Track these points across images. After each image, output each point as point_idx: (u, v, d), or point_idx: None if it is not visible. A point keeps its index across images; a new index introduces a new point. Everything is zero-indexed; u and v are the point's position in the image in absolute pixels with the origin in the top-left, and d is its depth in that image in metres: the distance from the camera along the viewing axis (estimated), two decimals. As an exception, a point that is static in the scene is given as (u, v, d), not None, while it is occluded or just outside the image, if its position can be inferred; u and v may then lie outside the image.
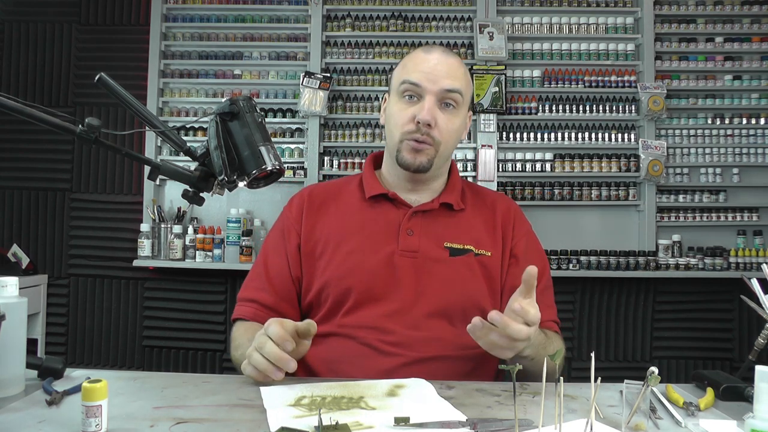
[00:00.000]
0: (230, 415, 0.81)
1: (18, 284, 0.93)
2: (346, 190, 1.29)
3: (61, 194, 3.23)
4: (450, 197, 1.24)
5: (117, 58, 3.22)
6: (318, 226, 1.23)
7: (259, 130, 0.91)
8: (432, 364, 1.10)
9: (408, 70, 1.19)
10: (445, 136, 1.18)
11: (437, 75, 1.16)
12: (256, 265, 1.27)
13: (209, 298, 3.12)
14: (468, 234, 1.21)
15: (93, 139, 0.84)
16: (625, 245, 3.08)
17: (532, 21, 3.27)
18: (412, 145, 1.17)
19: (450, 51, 1.23)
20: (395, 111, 1.20)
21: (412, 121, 1.16)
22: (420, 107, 1.16)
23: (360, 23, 3.24)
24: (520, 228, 1.27)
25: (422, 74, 1.16)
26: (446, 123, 1.17)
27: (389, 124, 1.22)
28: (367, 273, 1.15)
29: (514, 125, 3.20)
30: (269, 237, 1.29)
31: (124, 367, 3.16)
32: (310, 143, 3.14)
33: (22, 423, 0.76)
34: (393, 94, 1.23)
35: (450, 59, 1.20)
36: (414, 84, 1.16)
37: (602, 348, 3.13)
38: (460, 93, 1.18)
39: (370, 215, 1.22)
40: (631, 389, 0.80)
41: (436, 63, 1.18)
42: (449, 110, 1.18)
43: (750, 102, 3.20)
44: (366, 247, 1.17)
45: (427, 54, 1.20)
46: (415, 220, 1.21)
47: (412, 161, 1.18)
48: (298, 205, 1.26)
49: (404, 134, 1.17)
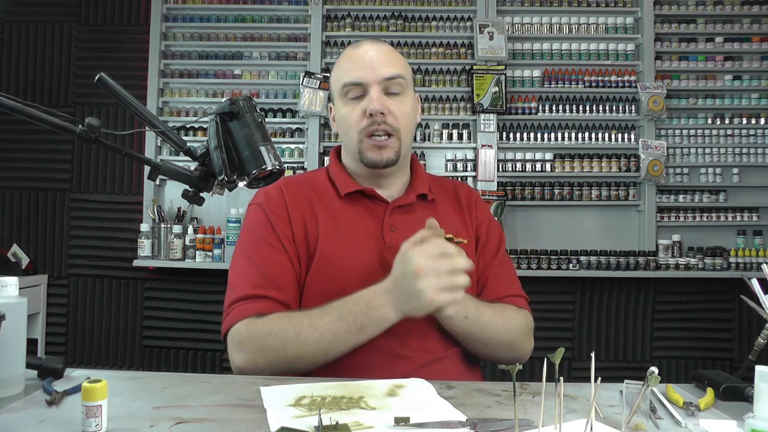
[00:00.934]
0: (230, 415, 0.80)
1: (18, 284, 0.93)
2: (317, 184, 1.24)
3: (61, 194, 3.23)
4: (422, 188, 1.24)
5: (117, 58, 3.22)
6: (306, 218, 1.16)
7: (259, 130, 0.91)
8: (440, 364, 1.10)
9: (344, 71, 1.18)
10: (402, 121, 1.17)
11: (374, 65, 1.15)
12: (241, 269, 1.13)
13: (209, 298, 3.12)
14: (446, 224, 1.19)
15: (93, 139, 0.84)
16: (625, 245, 3.08)
17: (532, 21, 3.27)
18: (373, 142, 1.15)
19: (379, 41, 1.23)
20: (345, 113, 1.18)
21: (364, 115, 1.15)
22: (368, 100, 1.15)
23: (360, 23, 3.24)
24: (482, 211, 1.30)
25: (359, 70, 1.16)
26: (398, 107, 1.16)
27: (343, 128, 1.20)
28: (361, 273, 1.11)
29: (514, 125, 3.20)
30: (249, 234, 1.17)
31: (124, 367, 3.16)
32: (310, 143, 3.14)
33: (22, 423, 0.76)
34: (337, 100, 1.21)
35: (381, 47, 1.19)
36: (354, 83, 1.16)
37: (602, 348, 3.13)
38: (402, 77, 1.17)
39: (351, 213, 1.19)
40: (631, 389, 0.80)
41: (368, 54, 1.17)
42: (396, 97, 1.17)
43: (750, 102, 3.20)
44: (356, 245, 1.15)
45: (356, 49, 1.19)
46: (396, 215, 1.20)
47: (378, 158, 1.16)
48: (278, 195, 1.18)
49: (361, 132, 1.16)
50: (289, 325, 1.02)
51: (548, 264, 2.98)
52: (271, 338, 1.02)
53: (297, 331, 1.01)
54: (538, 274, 2.95)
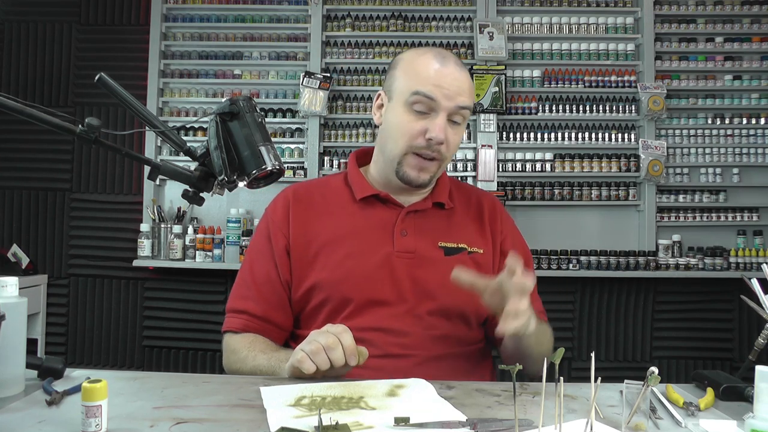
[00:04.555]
0: (230, 415, 0.80)
1: (18, 284, 0.93)
2: (331, 189, 1.25)
3: (61, 194, 3.23)
4: (441, 196, 1.23)
5: (117, 58, 3.22)
6: (308, 226, 1.19)
7: (259, 130, 0.91)
8: (440, 363, 1.10)
9: (421, 79, 1.12)
10: (451, 151, 1.16)
11: (453, 91, 1.11)
12: (242, 273, 1.23)
13: (209, 298, 3.12)
14: (460, 232, 1.21)
15: (93, 139, 0.84)
16: (625, 245, 3.08)
17: (532, 21, 3.27)
18: (418, 162, 1.14)
19: (460, 62, 1.17)
20: (402, 121, 1.13)
21: (422, 136, 1.12)
22: (432, 123, 1.11)
23: (360, 23, 3.24)
24: (506, 224, 1.28)
25: (437, 89, 1.10)
26: (453, 137, 1.15)
27: (392, 133, 1.16)
28: (365, 276, 1.13)
29: (514, 125, 3.20)
30: (253, 242, 1.25)
31: (124, 367, 3.16)
32: (310, 143, 3.14)
33: (22, 423, 0.76)
34: (398, 101, 1.15)
35: (464, 74, 1.14)
36: (428, 98, 1.11)
37: (602, 348, 3.13)
38: (469, 109, 1.15)
39: (363, 216, 1.19)
40: (631, 389, 0.80)
41: (452, 78, 1.12)
42: (456, 126, 1.15)
43: (750, 102, 3.20)
44: (362, 249, 1.15)
45: (443, 66, 1.12)
46: (409, 220, 1.19)
47: (416, 178, 1.15)
48: (283, 206, 1.22)
49: (411, 147, 1.13)
50: (242, 350, 1.14)
51: (548, 264, 2.98)
52: (232, 355, 1.16)
53: (245, 357, 1.12)
54: (538, 274, 2.88)
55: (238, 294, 1.21)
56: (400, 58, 1.20)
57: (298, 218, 1.20)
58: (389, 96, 1.19)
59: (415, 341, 1.11)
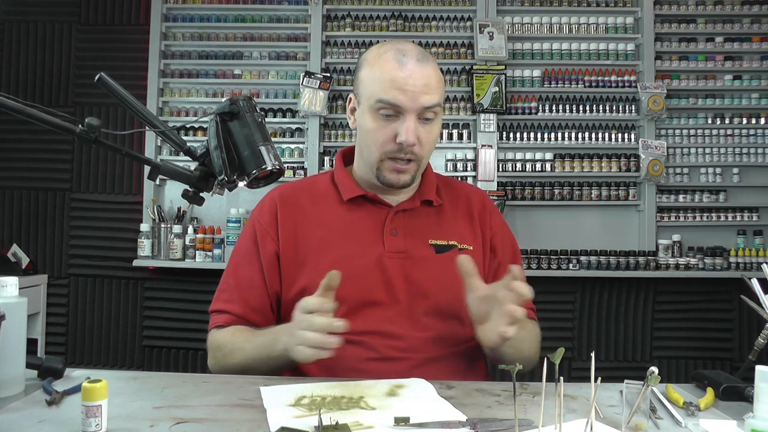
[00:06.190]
0: (230, 415, 0.81)
1: (18, 284, 0.93)
2: (317, 190, 1.24)
3: (61, 194, 3.23)
4: (429, 194, 1.22)
5: (117, 58, 3.22)
6: (297, 229, 1.18)
7: (259, 130, 0.91)
8: (435, 364, 1.10)
9: (383, 86, 1.10)
10: (427, 149, 1.15)
11: (415, 92, 1.09)
12: (226, 276, 1.22)
13: (209, 298, 3.07)
14: (450, 229, 1.20)
15: (93, 139, 0.84)
16: (625, 245, 3.08)
17: (532, 21, 3.27)
18: (394, 166, 1.13)
19: (423, 52, 1.14)
20: (373, 128, 1.12)
21: (393, 140, 1.11)
22: (402, 127, 1.10)
23: (360, 23, 3.24)
24: (495, 219, 1.27)
25: (400, 93, 1.08)
26: (427, 136, 1.13)
27: (365, 140, 1.15)
28: (358, 278, 1.12)
29: (514, 125, 3.20)
30: (239, 246, 1.23)
31: (124, 367, 3.16)
32: (310, 143, 3.14)
33: (22, 423, 0.76)
34: (365, 106, 1.14)
35: (425, 68, 1.11)
36: (391, 104, 1.09)
37: (602, 348, 3.13)
38: (439, 105, 1.13)
39: (351, 217, 1.19)
40: (631, 389, 0.80)
41: (413, 78, 1.09)
42: (428, 124, 1.13)
43: (750, 102, 3.20)
44: (353, 251, 1.15)
45: (402, 66, 1.10)
46: (398, 219, 1.19)
47: (396, 181, 1.15)
48: (270, 210, 1.20)
49: (385, 153, 1.12)
50: (228, 343, 1.14)
51: (548, 264, 2.98)
52: (218, 350, 1.16)
53: (231, 350, 1.12)
54: (538, 274, 2.95)
55: (221, 298, 1.22)
56: (363, 60, 1.18)
57: (287, 221, 1.19)
58: (359, 100, 1.18)
59: (410, 344, 1.11)
